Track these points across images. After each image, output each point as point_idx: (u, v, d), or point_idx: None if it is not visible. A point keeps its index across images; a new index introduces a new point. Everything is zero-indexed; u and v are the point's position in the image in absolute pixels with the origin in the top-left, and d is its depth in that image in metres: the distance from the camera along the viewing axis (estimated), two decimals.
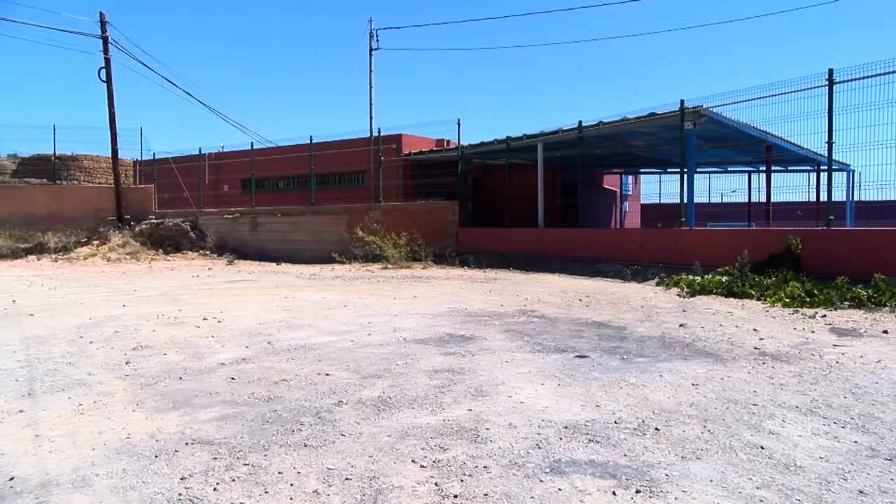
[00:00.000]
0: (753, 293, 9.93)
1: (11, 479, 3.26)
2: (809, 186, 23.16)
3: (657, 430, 3.89)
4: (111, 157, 24.17)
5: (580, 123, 16.40)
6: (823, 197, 15.46)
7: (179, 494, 3.05)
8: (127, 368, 5.67)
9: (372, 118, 28.23)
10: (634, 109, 17.02)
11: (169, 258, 21.27)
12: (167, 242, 22.37)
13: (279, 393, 4.80)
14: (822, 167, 19.74)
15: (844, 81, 11.31)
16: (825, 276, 10.14)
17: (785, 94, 12.41)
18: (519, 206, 18.67)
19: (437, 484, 3.13)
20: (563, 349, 6.27)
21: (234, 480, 3.21)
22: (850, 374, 5.26)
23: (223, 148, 27.65)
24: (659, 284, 12.01)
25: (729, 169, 26.29)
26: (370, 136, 23.42)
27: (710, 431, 3.86)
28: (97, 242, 22.08)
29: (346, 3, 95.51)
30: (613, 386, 4.90)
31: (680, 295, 10.56)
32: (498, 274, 14.98)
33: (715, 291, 10.38)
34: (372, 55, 28.24)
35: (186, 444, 3.73)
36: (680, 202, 14.30)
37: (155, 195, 25.50)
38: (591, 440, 3.72)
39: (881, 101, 10.93)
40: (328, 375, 5.31)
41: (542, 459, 3.43)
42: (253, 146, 24.79)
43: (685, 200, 14.14)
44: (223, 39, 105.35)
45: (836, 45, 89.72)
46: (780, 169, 23.86)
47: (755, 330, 7.29)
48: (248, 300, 10.49)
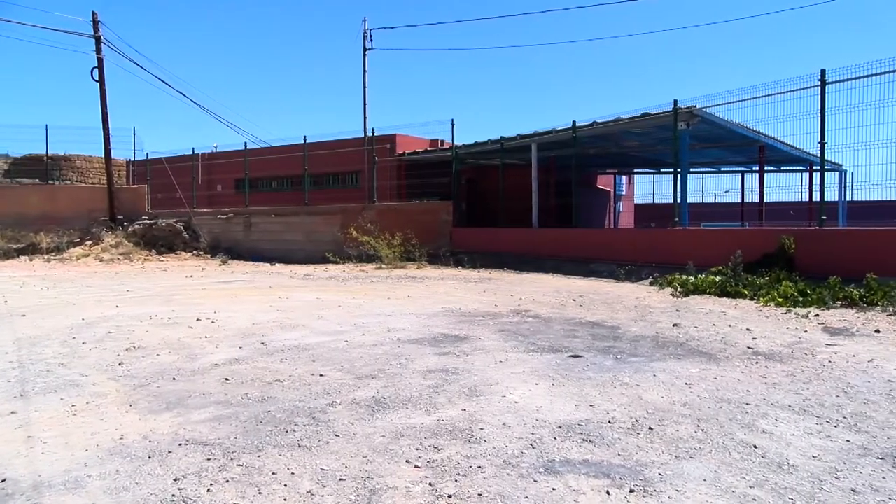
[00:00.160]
0: (747, 293, 9.97)
1: (3, 480, 3.24)
2: (802, 186, 23.29)
3: (651, 429, 3.90)
4: (104, 157, 24.11)
5: (574, 123, 16.44)
6: (816, 197, 15.59)
7: (173, 495, 3.03)
8: (120, 369, 5.64)
9: (366, 118, 28.19)
10: (628, 109, 17.12)
11: (162, 259, 21.20)
12: (160, 243, 22.31)
13: (273, 393, 4.79)
14: (814, 167, 19.82)
15: (837, 82, 11.37)
16: (818, 275, 10.19)
17: (778, 94, 12.48)
18: (513, 206, 18.69)
19: (431, 484, 3.13)
20: (557, 349, 6.28)
21: (227, 481, 3.20)
22: (842, 373, 5.28)
23: (216, 148, 27.58)
24: (653, 284, 12.04)
25: (722, 169, 26.40)
26: (364, 136, 23.40)
27: (703, 431, 3.87)
28: (90, 243, 22.00)
29: (340, 2, 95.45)
30: (607, 385, 4.91)
31: (673, 295, 10.59)
32: (492, 274, 14.99)
33: (708, 291, 10.42)
34: (366, 55, 28.22)
35: (180, 444, 3.72)
36: (673, 202, 14.35)
37: (148, 195, 25.41)
38: (585, 440, 3.72)
39: (873, 101, 11.01)
40: (322, 376, 5.30)
41: (536, 459, 3.44)
42: (246, 146, 24.79)
43: (679, 200, 14.18)
44: (216, 39, 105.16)
45: (829, 45, 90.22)
46: (773, 169, 23.98)
47: (748, 329, 7.31)
48: (241, 301, 10.47)
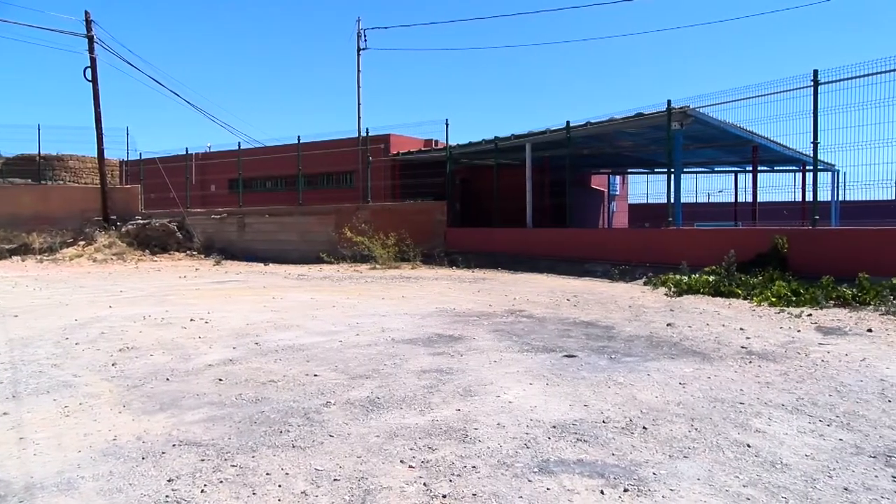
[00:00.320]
0: (740, 292, 10.00)
1: None
2: (795, 186, 23.30)
3: (645, 429, 3.91)
4: (97, 157, 23.98)
5: (568, 124, 16.46)
6: (809, 197, 15.63)
7: (167, 496, 3.02)
8: (113, 370, 5.62)
9: (360, 118, 28.10)
10: (622, 110, 17.12)
11: (156, 259, 21.12)
12: (154, 243, 22.22)
13: (267, 394, 4.78)
14: (807, 167, 19.92)
15: (829, 82, 11.42)
16: (811, 275, 10.23)
17: (771, 94, 12.51)
18: (507, 206, 18.70)
19: (425, 484, 3.13)
20: (551, 349, 6.29)
21: (221, 482, 3.19)
22: (835, 372, 5.30)
23: (210, 148, 27.48)
24: (647, 284, 12.06)
25: (716, 169, 26.46)
26: (358, 136, 23.36)
27: (697, 430, 3.89)
28: (83, 243, 21.89)
29: (334, 3, 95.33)
30: (601, 385, 4.91)
31: (667, 294, 10.62)
32: (486, 274, 14.99)
33: (702, 291, 10.45)
34: (360, 55, 28.12)
35: (173, 445, 3.71)
36: (667, 202, 14.38)
37: (141, 195, 25.30)
38: (579, 439, 3.73)
39: (866, 101, 11.05)
40: (316, 376, 5.29)
41: (530, 459, 3.44)
42: (240, 146, 24.70)
43: (672, 200, 14.21)
44: (210, 39, 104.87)
45: (823, 45, 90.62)
46: (766, 169, 24.08)
47: (742, 329, 7.34)
48: (235, 301, 10.44)
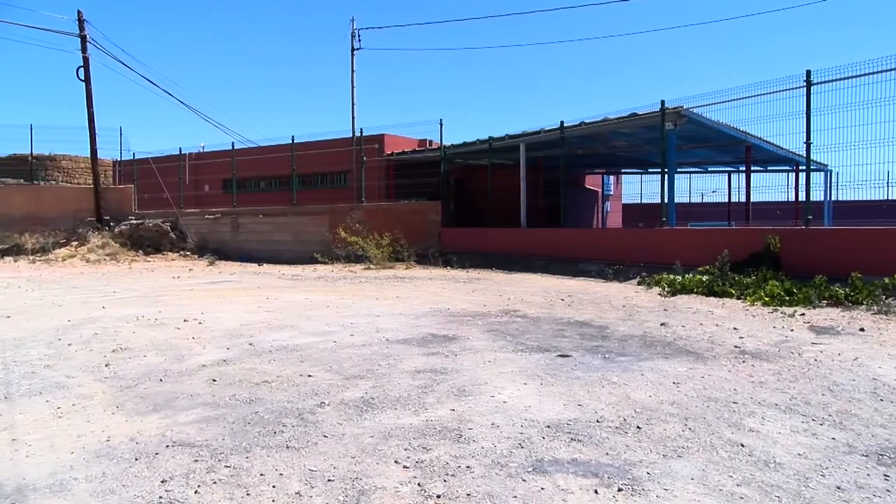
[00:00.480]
0: (733, 292, 10.04)
1: None
2: (788, 186, 23.53)
3: (639, 428, 3.92)
4: (90, 157, 23.89)
5: (562, 124, 16.47)
6: (802, 197, 15.68)
7: (160, 497, 3.01)
8: (106, 371, 5.60)
9: (354, 118, 28.12)
10: (616, 110, 17.19)
11: (149, 259, 21.05)
12: (147, 243, 22.15)
13: (261, 394, 4.77)
14: (800, 167, 20.03)
15: (822, 83, 11.46)
16: (804, 274, 10.27)
17: (764, 94, 12.56)
18: (501, 206, 18.71)
19: (419, 484, 3.12)
20: (545, 349, 6.30)
21: (215, 483, 3.18)
22: (828, 371, 5.33)
23: (204, 148, 27.44)
24: (640, 284, 12.09)
25: (709, 169, 26.56)
26: (353, 136, 23.35)
27: (690, 429, 3.90)
28: (76, 243, 21.80)
29: (328, 2, 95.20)
30: (595, 385, 4.92)
31: (661, 294, 10.65)
32: (481, 274, 15.00)
33: (696, 290, 10.48)
34: (354, 55, 28.12)
35: (167, 446, 3.70)
36: (661, 202, 14.41)
37: (135, 196, 25.22)
38: (573, 439, 3.73)
39: (858, 102, 11.09)
40: (310, 377, 5.28)
41: (524, 459, 3.44)
42: (234, 146, 24.67)
43: (666, 200, 14.25)
44: (203, 39, 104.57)
45: (818, 45, 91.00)
46: (759, 169, 24.15)
47: (735, 328, 7.36)
48: (229, 301, 10.42)
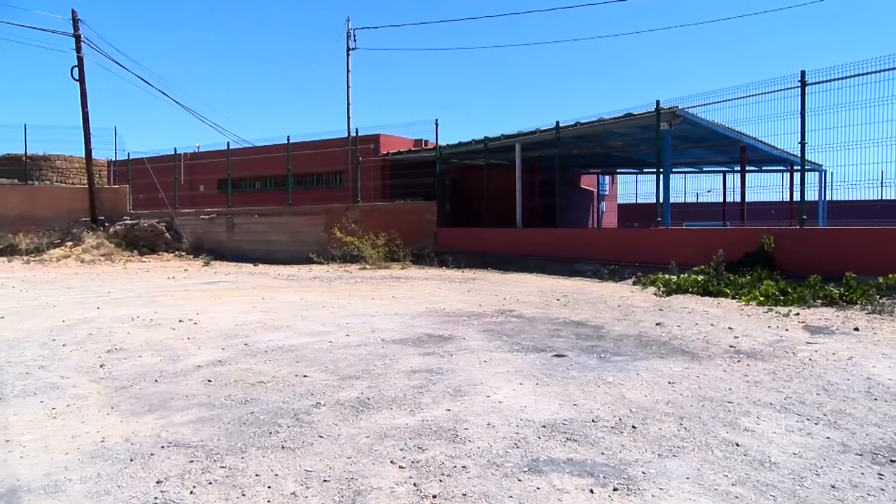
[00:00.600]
0: (728, 292, 10.06)
1: None
2: (783, 186, 23.48)
3: (634, 428, 3.92)
4: (85, 157, 23.79)
5: (557, 124, 16.49)
6: (797, 197, 15.71)
7: (155, 498, 3.01)
8: (101, 371, 5.58)
9: (350, 118, 28.20)
10: (611, 110, 17.18)
11: (144, 259, 20.99)
12: (142, 243, 22.08)
13: (256, 395, 4.76)
14: (795, 167, 20.05)
15: (816, 83, 11.50)
16: (798, 274, 10.30)
17: (759, 95, 12.58)
18: (497, 206, 18.71)
19: (415, 484, 3.12)
20: (541, 348, 6.30)
21: (210, 483, 3.17)
22: (822, 371, 5.35)
23: (199, 148, 27.34)
24: (636, 284, 12.11)
25: (704, 169, 26.60)
26: (348, 136, 23.33)
27: (686, 429, 3.90)
28: (70, 244, 21.71)
29: (323, 2, 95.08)
30: (591, 385, 4.93)
31: (656, 294, 10.67)
32: (476, 274, 15.00)
33: (691, 290, 10.50)
34: (349, 55, 28.14)
35: (162, 447, 3.69)
36: (656, 202, 14.44)
37: (130, 196, 25.14)
38: (569, 439, 3.74)
39: (852, 102, 11.13)
40: (306, 377, 5.28)
41: (520, 459, 3.44)
42: (229, 146, 24.60)
43: (661, 200, 14.28)
44: (198, 39, 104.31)
45: (813, 45, 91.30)
46: (754, 169, 24.24)
47: (730, 328, 7.38)
48: (224, 301, 10.39)
